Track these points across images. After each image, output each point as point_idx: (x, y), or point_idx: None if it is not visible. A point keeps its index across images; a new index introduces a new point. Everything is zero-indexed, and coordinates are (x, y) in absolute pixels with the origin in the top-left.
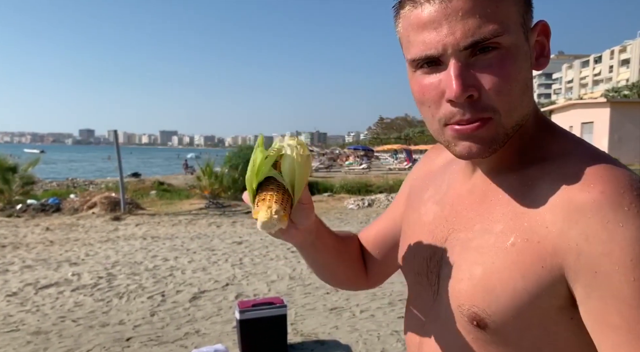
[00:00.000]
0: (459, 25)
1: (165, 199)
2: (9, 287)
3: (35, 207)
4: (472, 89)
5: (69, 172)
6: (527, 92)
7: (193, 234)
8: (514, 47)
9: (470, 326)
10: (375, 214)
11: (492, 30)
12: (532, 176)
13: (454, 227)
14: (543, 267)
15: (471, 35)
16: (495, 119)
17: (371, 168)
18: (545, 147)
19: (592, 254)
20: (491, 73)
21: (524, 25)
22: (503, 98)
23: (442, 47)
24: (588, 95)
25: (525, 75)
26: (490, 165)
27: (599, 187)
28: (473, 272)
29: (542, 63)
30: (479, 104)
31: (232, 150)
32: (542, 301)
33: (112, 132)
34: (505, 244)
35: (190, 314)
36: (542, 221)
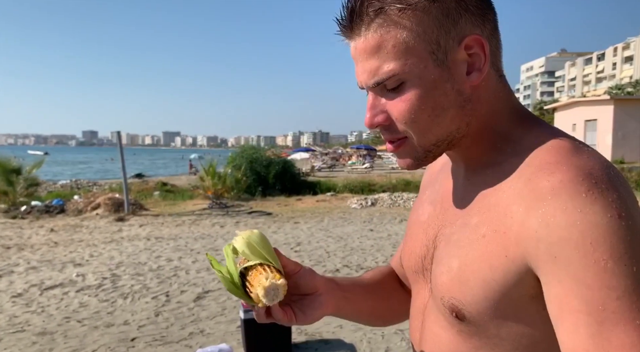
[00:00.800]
0: (366, 66)
1: (169, 199)
2: (14, 289)
3: (39, 209)
4: (380, 119)
5: (73, 173)
6: (442, 114)
7: (197, 235)
8: (416, 80)
9: (452, 318)
10: (378, 213)
11: (389, 70)
12: (505, 169)
13: (443, 223)
14: (507, 257)
15: (373, 76)
16: (409, 139)
17: (374, 167)
18: (518, 141)
19: (551, 240)
20: (396, 105)
21: (437, 51)
22: (409, 125)
23: (360, 83)
24: (591, 93)
25: (435, 101)
26: (468, 163)
27: (558, 176)
28: (451, 265)
29: (473, 78)
30: (391, 128)
31: (235, 151)
32: (511, 292)
33: (116, 133)
34: (478, 236)
35: (194, 314)
36: (508, 212)
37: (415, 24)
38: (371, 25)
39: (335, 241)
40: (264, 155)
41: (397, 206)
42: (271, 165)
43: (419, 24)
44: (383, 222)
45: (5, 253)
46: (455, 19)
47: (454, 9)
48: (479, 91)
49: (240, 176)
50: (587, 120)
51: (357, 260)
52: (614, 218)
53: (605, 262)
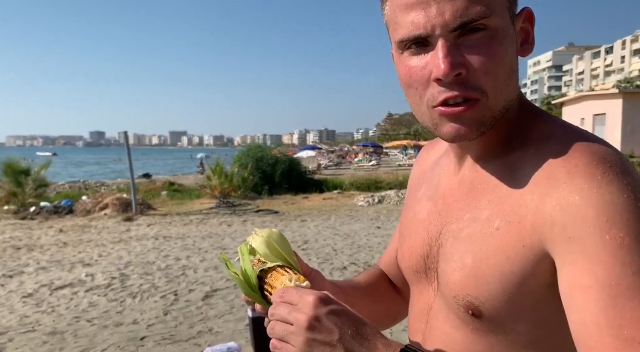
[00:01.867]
0: (447, 6)
1: (176, 199)
2: (24, 289)
3: (48, 210)
4: (460, 68)
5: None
6: (512, 76)
7: (204, 234)
8: (501, 30)
9: (468, 316)
10: (385, 211)
11: (480, 11)
12: (515, 160)
13: (447, 220)
14: (524, 247)
15: (459, 16)
16: (482, 101)
17: (380, 164)
18: (528, 132)
19: (566, 222)
20: (479, 53)
21: (510, 10)
22: (490, 78)
23: (431, 27)
24: (599, 86)
25: (511, 59)
26: (476, 154)
27: (572, 161)
28: (464, 261)
29: (526, 49)
30: (467, 82)
31: (241, 150)
32: (529, 282)
33: (123, 133)
34: (491, 229)
35: (202, 313)
36: (522, 201)
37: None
38: None
39: (342, 238)
40: (270, 154)
41: (404, 203)
42: (277, 163)
43: None
44: (390, 219)
45: (16, 254)
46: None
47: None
48: None
49: (246, 175)
50: (596, 114)
51: (364, 257)
52: (629, 199)
53: (622, 239)
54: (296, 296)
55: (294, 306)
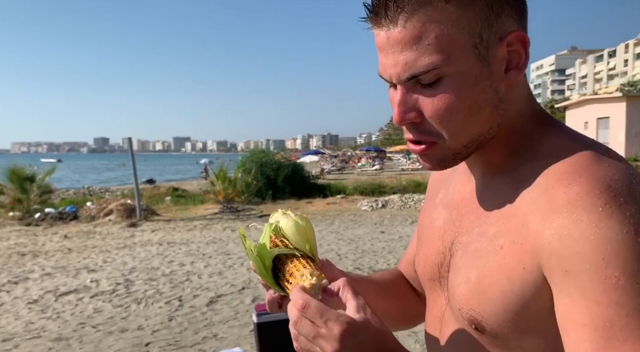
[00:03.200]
0: (400, 58)
1: (180, 204)
2: (29, 295)
3: (53, 216)
4: (411, 116)
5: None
6: (478, 113)
7: (208, 239)
8: (457, 75)
9: (472, 329)
10: (389, 215)
11: (429, 63)
12: (522, 177)
13: (459, 230)
14: (524, 269)
15: (408, 69)
16: (439, 143)
17: (384, 169)
18: (536, 146)
19: (563, 254)
20: (431, 102)
21: (479, 46)
22: (444, 124)
23: (389, 76)
24: (603, 90)
25: (474, 98)
26: (484, 168)
27: (575, 187)
28: (469, 275)
29: (512, 76)
30: (421, 128)
31: (245, 155)
32: (530, 304)
33: (127, 139)
34: (496, 247)
35: (207, 319)
36: (525, 222)
37: (460, 15)
38: (413, 14)
39: (346, 243)
40: (273, 159)
41: (407, 208)
42: (281, 168)
43: (464, 15)
44: (394, 224)
45: (21, 260)
46: (498, 12)
47: (497, 2)
48: (511, 90)
49: (250, 180)
50: (599, 118)
51: (368, 262)
52: (629, 234)
53: (617, 279)
54: (320, 320)
55: (319, 330)
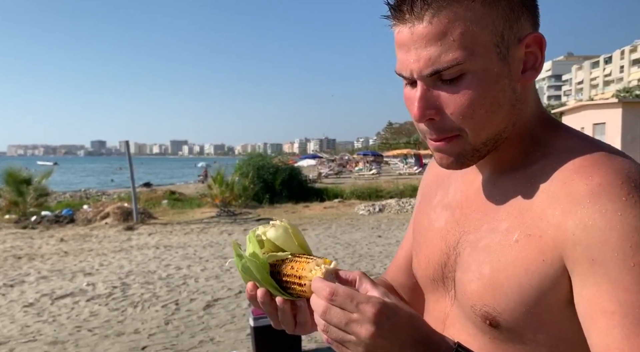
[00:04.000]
0: (423, 53)
1: (177, 208)
2: (25, 298)
3: (49, 219)
4: (431, 113)
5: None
6: (497, 111)
7: (205, 243)
8: (479, 71)
9: (485, 325)
10: (386, 220)
11: (453, 59)
12: (535, 173)
13: (464, 229)
14: (544, 261)
15: (432, 64)
16: (462, 136)
17: (381, 173)
18: (548, 145)
19: (589, 243)
20: (454, 98)
21: (500, 45)
22: (466, 121)
23: (410, 72)
24: (599, 96)
25: (494, 96)
26: (493, 166)
27: (596, 178)
28: (482, 271)
29: (529, 76)
30: (442, 125)
31: (242, 159)
32: (547, 296)
33: (124, 142)
34: (510, 241)
35: (204, 322)
36: (544, 215)
37: (485, 13)
38: (440, 10)
39: (343, 247)
40: (271, 163)
41: (404, 212)
42: (278, 172)
43: (488, 14)
44: (391, 228)
45: (17, 263)
46: (518, 14)
47: (518, 5)
48: (527, 91)
49: (247, 184)
50: (596, 123)
51: (365, 266)
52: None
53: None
54: (351, 304)
55: (351, 316)
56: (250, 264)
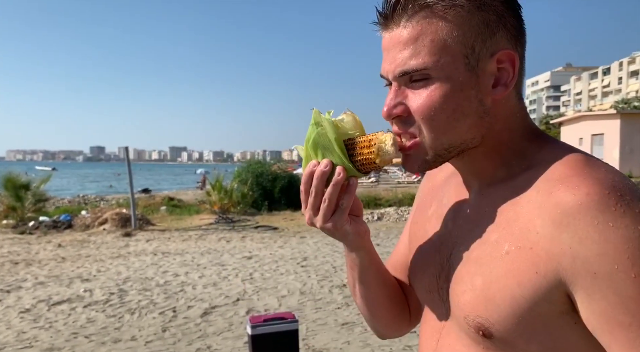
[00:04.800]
0: (397, 56)
1: (176, 214)
2: (22, 304)
3: (47, 224)
4: (399, 110)
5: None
6: (461, 119)
7: (203, 249)
8: (444, 78)
9: (478, 336)
10: (385, 228)
11: (421, 63)
12: (520, 184)
13: (457, 241)
14: (537, 273)
15: (401, 66)
16: (421, 141)
17: (380, 182)
18: (531, 156)
19: (587, 256)
20: (418, 99)
21: (470, 56)
22: (426, 122)
23: (385, 72)
24: (597, 107)
25: (458, 104)
26: (480, 178)
27: (583, 189)
28: (474, 283)
29: (498, 91)
30: (406, 122)
31: (241, 166)
32: (540, 308)
33: (123, 148)
34: (501, 253)
35: (201, 330)
36: (532, 227)
37: (457, 24)
38: (414, 16)
39: (341, 255)
40: (269, 170)
41: (403, 221)
42: (277, 179)
43: (460, 26)
44: (389, 236)
45: (14, 268)
46: (493, 31)
47: (494, 22)
48: (499, 107)
49: (246, 191)
50: (594, 134)
51: None
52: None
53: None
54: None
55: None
56: (330, 129)
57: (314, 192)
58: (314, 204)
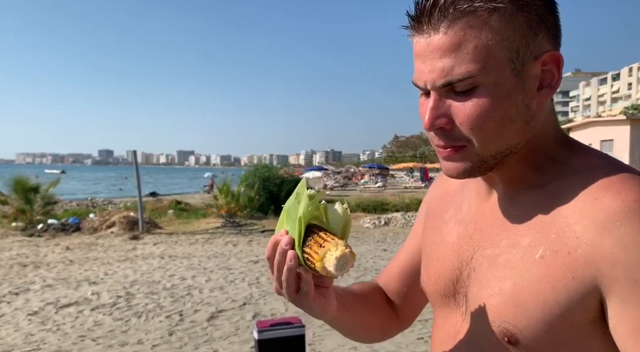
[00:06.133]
0: (437, 64)
1: (183, 218)
2: (30, 307)
3: (55, 227)
4: (442, 122)
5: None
6: (509, 126)
7: (210, 253)
8: (491, 85)
9: (501, 342)
10: (392, 233)
11: (466, 71)
12: (557, 189)
13: (480, 244)
14: (574, 278)
15: (444, 76)
16: (469, 147)
17: (387, 186)
18: (566, 163)
19: (630, 263)
20: (464, 109)
21: (515, 60)
22: (475, 132)
23: (424, 82)
24: (607, 112)
25: (506, 110)
26: (506, 182)
27: (631, 195)
28: (503, 287)
29: (544, 94)
30: (451, 134)
31: (248, 170)
32: (573, 314)
33: (131, 152)
34: (534, 257)
35: (208, 334)
36: (572, 232)
37: (500, 28)
38: (456, 22)
39: None
40: (276, 174)
41: (410, 226)
42: (284, 184)
43: (504, 30)
44: (397, 242)
45: (22, 271)
46: (536, 32)
47: (536, 22)
48: (541, 110)
49: (253, 195)
50: (603, 140)
51: (370, 280)
52: None
53: None
54: None
55: None
56: (303, 207)
57: (275, 268)
58: (278, 278)
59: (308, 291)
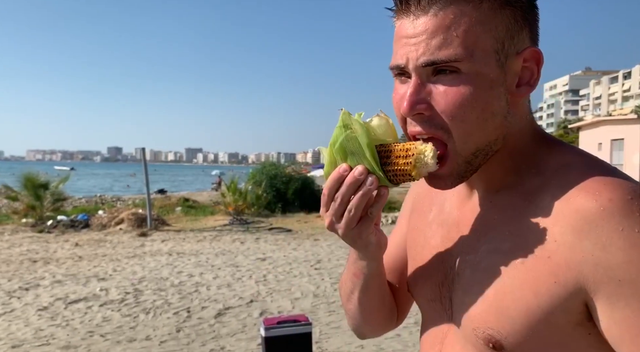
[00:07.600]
0: (423, 43)
1: (191, 215)
2: (40, 302)
3: (65, 223)
4: (422, 107)
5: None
6: (490, 119)
7: (217, 250)
8: (474, 74)
9: (487, 348)
10: None
11: (451, 54)
12: (532, 190)
13: (462, 249)
14: (556, 283)
15: (429, 54)
16: (449, 147)
17: None
18: (541, 161)
19: (611, 263)
20: (446, 96)
21: (500, 52)
22: (455, 122)
23: (406, 59)
24: (617, 111)
25: (488, 102)
26: (487, 183)
27: (606, 195)
28: (485, 293)
29: (522, 91)
30: (430, 121)
31: (256, 167)
32: (557, 318)
33: (140, 149)
34: (515, 263)
35: (215, 331)
36: (550, 235)
37: (490, 17)
38: (447, 6)
39: None
40: (284, 172)
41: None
42: (291, 181)
43: (492, 20)
44: None
45: (32, 266)
46: (521, 27)
47: (521, 18)
48: (518, 107)
49: (260, 193)
50: (614, 139)
51: None
52: None
53: None
54: None
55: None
56: (361, 133)
57: (339, 199)
58: (338, 210)
59: (376, 214)
